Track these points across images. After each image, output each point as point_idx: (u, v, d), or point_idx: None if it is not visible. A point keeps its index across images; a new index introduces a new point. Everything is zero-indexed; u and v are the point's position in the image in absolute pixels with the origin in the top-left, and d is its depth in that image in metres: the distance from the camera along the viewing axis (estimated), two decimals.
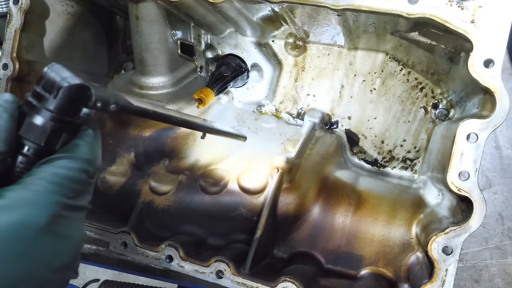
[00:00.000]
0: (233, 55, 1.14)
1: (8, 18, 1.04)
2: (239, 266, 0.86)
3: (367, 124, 1.10)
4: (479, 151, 0.72)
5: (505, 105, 0.69)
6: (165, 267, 0.91)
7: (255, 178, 0.97)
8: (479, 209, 0.72)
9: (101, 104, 0.53)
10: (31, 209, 0.47)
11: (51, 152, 0.52)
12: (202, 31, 1.14)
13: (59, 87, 0.49)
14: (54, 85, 0.49)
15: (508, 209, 1.01)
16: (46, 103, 0.50)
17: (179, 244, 0.90)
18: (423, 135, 1.06)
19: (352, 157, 1.13)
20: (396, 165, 1.09)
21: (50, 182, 0.49)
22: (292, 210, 0.94)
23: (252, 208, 0.94)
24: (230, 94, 1.20)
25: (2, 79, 1.05)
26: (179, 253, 0.89)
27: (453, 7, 0.70)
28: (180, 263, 0.89)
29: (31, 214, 0.47)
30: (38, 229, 0.48)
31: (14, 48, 1.04)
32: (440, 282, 0.75)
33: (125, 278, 1.57)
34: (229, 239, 0.98)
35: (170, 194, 1.02)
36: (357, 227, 0.94)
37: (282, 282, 0.82)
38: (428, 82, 1.04)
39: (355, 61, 1.08)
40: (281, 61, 1.14)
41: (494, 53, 0.69)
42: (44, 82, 0.50)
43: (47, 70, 0.50)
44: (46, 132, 0.50)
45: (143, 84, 1.11)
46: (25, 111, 0.51)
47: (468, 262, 1.02)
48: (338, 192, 0.98)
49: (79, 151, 0.53)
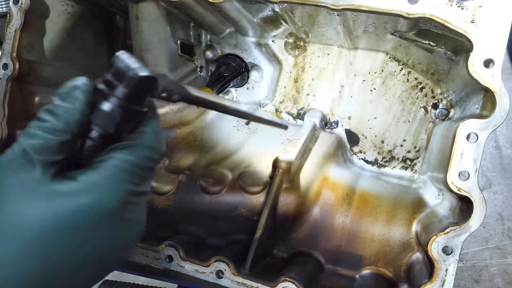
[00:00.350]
0: (233, 55, 1.14)
1: (8, 18, 1.03)
2: (239, 266, 0.86)
3: (367, 124, 1.10)
4: (479, 151, 0.72)
5: (505, 105, 0.69)
6: (165, 267, 0.91)
7: (255, 178, 0.97)
8: (479, 209, 0.72)
9: (166, 94, 0.55)
10: (103, 194, 0.49)
11: (118, 138, 0.53)
12: (202, 31, 1.14)
13: (129, 77, 0.50)
14: (125, 74, 0.50)
15: (508, 209, 1.01)
16: (116, 91, 0.51)
17: (179, 244, 0.90)
18: (423, 135, 1.06)
19: (352, 157, 1.13)
20: (396, 165, 1.09)
21: (120, 168, 0.50)
22: (292, 210, 0.94)
23: (252, 208, 0.94)
24: (230, 94, 1.20)
25: (2, 79, 1.05)
26: (179, 253, 0.89)
27: (453, 7, 0.70)
28: (180, 263, 0.89)
29: (103, 199, 0.48)
30: (109, 213, 0.49)
31: (14, 48, 1.04)
32: (440, 282, 0.75)
33: (125, 278, 1.57)
34: (229, 239, 0.99)
35: (170, 194, 1.02)
36: (357, 227, 0.94)
37: (282, 282, 0.82)
38: (428, 82, 1.04)
39: (355, 61, 1.08)
40: (281, 61, 1.14)
41: (494, 53, 0.69)
42: (114, 71, 0.51)
43: (116, 60, 0.51)
44: (115, 119, 0.51)
45: None
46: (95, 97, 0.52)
47: (468, 262, 1.02)
48: (338, 192, 0.98)
49: (146, 138, 0.54)
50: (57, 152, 0.49)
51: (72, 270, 0.49)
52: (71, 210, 0.47)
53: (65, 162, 0.50)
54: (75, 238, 0.48)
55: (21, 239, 0.46)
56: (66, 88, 0.51)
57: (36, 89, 1.17)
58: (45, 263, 0.47)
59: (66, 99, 0.50)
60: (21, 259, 0.46)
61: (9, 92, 1.07)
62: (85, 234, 0.48)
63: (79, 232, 0.48)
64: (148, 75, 0.52)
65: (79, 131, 0.50)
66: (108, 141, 0.52)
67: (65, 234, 0.47)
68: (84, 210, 0.48)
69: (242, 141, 1.15)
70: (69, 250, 0.48)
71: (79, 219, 0.48)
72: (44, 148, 0.48)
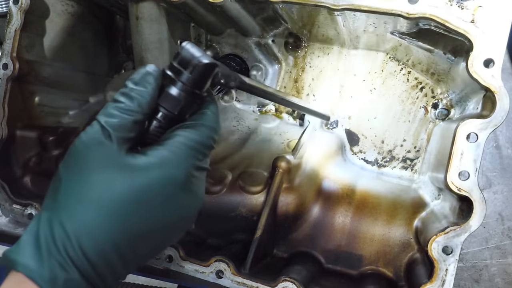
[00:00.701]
0: (233, 55, 1.14)
1: (8, 18, 1.04)
2: (239, 265, 0.86)
3: (367, 124, 1.10)
4: (479, 151, 0.72)
5: (505, 105, 0.69)
6: (165, 267, 0.91)
7: (255, 178, 0.97)
8: (479, 209, 0.72)
9: (224, 81, 0.60)
10: (173, 168, 0.55)
11: (181, 120, 0.59)
12: (202, 31, 1.14)
13: (194, 64, 0.56)
14: (190, 62, 0.56)
15: (508, 209, 1.01)
16: (182, 77, 0.57)
17: (179, 244, 0.90)
18: (423, 135, 1.06)
19: (352, 157, 1.13)
20: (396, 165, 1.09)
21: (186, 145, 0.56)
22: (292, 210, 0.94)
23: (252, 208, 0.94)
24: (230, 94, 1.20)
25: (2, 79, 1.05)
26: (179, 253, 0.89)
27: (453, 7, 0.70)
28: (180, 263, 0.89)
29: (172, 172, 0.55)
30: (178, 185, 0.56)
31: (14, 48, 1.04)
32: (440, 281, 0.75)
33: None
34: (229, 239, 0.99)
35: None
36: (357, 227, 0.94)
37: (282, 281, 0.82)
38: (428, 82, 1.04)
39: (355, 61, 1.08)
40: (281, 61, 1.14)
41: (494, 52, 0.69)
42: (180, 59, 0.57)
43: (182, 49, 0.57)
44: (180, 102, 0.57)
45: None
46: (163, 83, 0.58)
47: (468, 262, 1.02)
48: (338, 191, 0.98)
49: (207, 119, 0.59)
50: (131, 130, 0.55)
51: (147, 235, 0.55)
52: (145, 182, 0.53)
53: (136, 139, 0.56)
54: (149, 207, 0.54)
55: (103, 208, 0.52)
56: (139, 74, 0.57)
57: (36, 89, 1.17)
58: (123, 230, 0.53)
59: (139, 83, 0.56)
60: (103, 225, 0.52)
61: (9, 92, 1.07)
62: (157, 203, 0.54)
63: (152, 201, 0.54)
64: (211, 62, 0.57)
65: (150, 112, 0.57)
66: (172, 123, 0.58)
67: (141, 203, 0.53)
68: (156, 182, 0.54)
69: (242, 141, 1.15)
70: (144, 217, 0.54)
71: (151, 190, 0.54)
72: (120, 125, 0.54)
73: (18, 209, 1.07)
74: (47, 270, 0.50)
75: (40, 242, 0.52)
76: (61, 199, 0.53)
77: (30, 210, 1.05)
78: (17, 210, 1.07)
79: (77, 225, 0.52)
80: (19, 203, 1.07)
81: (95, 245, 0.52)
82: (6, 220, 1.15)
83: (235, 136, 1.17)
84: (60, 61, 1.19)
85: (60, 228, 0.52)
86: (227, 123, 1.18)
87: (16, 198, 1.08)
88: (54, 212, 0.53)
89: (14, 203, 1.07)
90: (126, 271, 0.57)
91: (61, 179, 0.54)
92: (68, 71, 1.23)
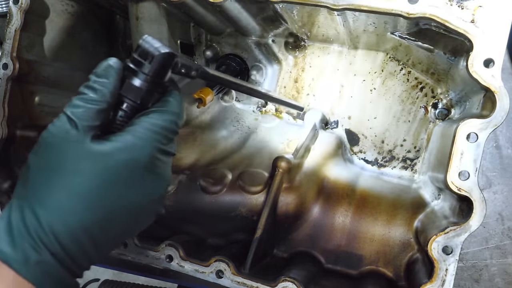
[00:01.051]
0: (233, 55, 1.14)
1: (8, 18, 1.03)
2: (239, 265, 0.86)
3: (367, 124, 1.10)
4: (479, 151, 0.72)
5: (505, 105, 0.69)
6: (165, 266, 0.91)
7: (255, 178, 0.97)
8: (479, 209, 0.72)
9: (184, 70, 0.64)
10: (137, 151, 0.59)
11: (145, 109, 0.62)
12: (202, 31, 1.14)
13: (153, 54, 0.60)
14: (149, 53, 0.60)
15: (508, 208, 1.01)
16: (142, 67, 0.60)
17: (179, 244, 0.90)
18: (423, 135, 1.06)
19: (352, 156, 1.13)
20: (396, 165, 1.09)
21: (149, 130, 0.60)
22: (292, 210, 0.94)
23: (252, 208, 0.94)
24: (230, 94, 1.20)
25: (2, 78, 1.05)
26: (179, 253, 0.89)
27: (453, 6, 0.70)
28: (180, 262, 0.89)
29: (136, 155, 0.59)
30: (142, 167, 0.59)
31: (14, 48, 1.04)
32: (440, 281, 0.75)
33: (125, 278, 1.57)
34: (229, 239, 0.99)
35: (170, 193, 1.02)
36: (357, 227, 0.94)
37: (282, 281, 0.82)
38: (428, 82, 1.04)
39: (355, 61, 1.08)
40: (281, 61, 1.14)
41: (494, 52, 0.69)
42: (140, 51, 0.60)
43: (142, 42, 0.61)
44: (142, 92, 0.61)
45: None
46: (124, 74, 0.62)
47: (468, 262, 1.02)
48: (338, 191, 0.98)
49: (170, 105, 0.63)
50: (96, 119, 0.58)
51: (116, 217, 0.59)
52: (110, 166, 0.57)
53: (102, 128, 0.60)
54: (116, 189, 0.58)
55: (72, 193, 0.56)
56: (101, 67, 0.61)
57: (36, 89, 1.17)
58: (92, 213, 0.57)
59: (102, 76, 0.60)
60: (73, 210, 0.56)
61: (9, 91, 1.07)
62: (123, 185, 0.58)
63: (118, 184, 0.58)
64: (169, 52, 0.60)
65: (113, 101, 0.60)
66: (136, 112, 0.62)
67: (107, 187, 0.57)
68: (122, 165, 0.58)
69: (242, 141, 1.15)
70: (111, 200, 0.58)
71: (117, 173, 0.58)
72: (85, 115, 0.58)
73: None
74: (20, 253, 0.54)
75: (12, 228, 0.55)
76: (31, 187, 0.57)
77: None
78: None
79: (47, 210, 0.55)
80: None
81: (66, 229, 0.55)
82: None
83: (235, 136, 1.17)
84: (60, 61, 1.19)
85: (31, 214, 0.55)
86: (227, 123, 1.18)
87: None
88: (25, 200, 0.56)
89: None
90: (98, 254, 0.60)
91: (30, 168, 0.58)
92: (68, 71, 1.23)
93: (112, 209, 0.59)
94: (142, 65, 0.60)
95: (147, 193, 0.62)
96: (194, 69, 0.65)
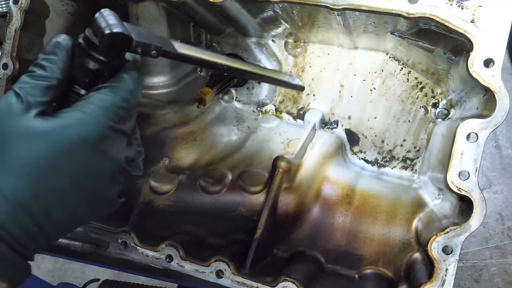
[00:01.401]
0: (233, 55, 1.14)
1: (8, 18, 1.03)
2: (239, 265, 0.86)
3: (367, 124, 1.10)
4: (479, 151, 0.72)
5: (505, 105, 0.69)
6: (165, 266, 0.91)
7: (255, 178, 0.97)
8: (479, 209, 0.72)
9: (141, 50, 0.59)
10: (83, 127, 0.57)
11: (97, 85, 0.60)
12: (202, 30, 1.14)
13: (103, 33, 0.56)
14: (100, 31, 0.56)
15: (508, 208, 1.01)
16: (93, 46, 0.58)
17: (179, 244, 0.90)
18: (423, 135, 1.06)
19: (352, 156, 1.13)
20: (396, 165, 1.09)
21: (98, 106, 0.58)
22: (292, 210, 0.94)
23: (252, 208, 0.94)
24: (230, 94, 1.20)
25: (2, 78, 1.05)
26: (179, 253, 0.89)
27: (453, 6, 0.70)
28: (180, 262, 0.89)
29: (83, 131, 0.57)
30: (89, 144, 0.57)
31: (14, 48, 1.04)
32: (440, 281, 0.75)
33: (125, 277, 1.57)
34: (229, 239, 0.99)
35: (170, 193, 1.02)
36: (357, 227, 0.94)
37: (282, 281, 0.82)
38: (428, 82, 1.04)
39: (355, 61, 1.08)
40: (281, 61, 1.14)
41: (494, 52, 0.69)
42: (94, 27, 0.57)
43: (98, 15, 0.58)
44: (90, 72, 0.59)
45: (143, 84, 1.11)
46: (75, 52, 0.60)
47: (468, 262, 1.02)
48: (338, 191, 0.98)
49: (123, 82, 0.61)
50: (44, 95, 0.58)
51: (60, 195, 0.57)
52: (54, 142, 0.55)
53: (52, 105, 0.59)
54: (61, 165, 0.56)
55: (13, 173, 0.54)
56: (50, 45, 0.61)
57: None
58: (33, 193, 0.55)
59: (50, 53, 0.60)
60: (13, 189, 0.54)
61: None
62: (69, 161, 0.56)
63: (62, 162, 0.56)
64: (118, 32, 0.56)
65: (63, 78, 0.60)
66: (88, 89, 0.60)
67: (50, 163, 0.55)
68: (66, 142, 0.56)
69: (242, 141, 1.15)
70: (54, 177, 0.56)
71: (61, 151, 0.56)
72: (33, 90, 0.57)
73: None
74: None
75: None
76: None
77: None
78: None
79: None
80: None
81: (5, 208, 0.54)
82: None
83: (235, 136, 1.17)
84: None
85: None
86: (227, 123, 1.18)
87: None
88: None
89: None
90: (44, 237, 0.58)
91: None
92: None
93: (54, 189, 0.56)
94: (93, 44, 0.58)
95: (93, 170, 0.59)
96: (153, 48, 0.60)
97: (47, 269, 2.90)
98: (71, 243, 1.08)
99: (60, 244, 1.03)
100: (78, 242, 1.07)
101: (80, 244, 1.07)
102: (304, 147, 1.01)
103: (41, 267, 2.90)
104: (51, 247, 0.63)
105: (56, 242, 0.64)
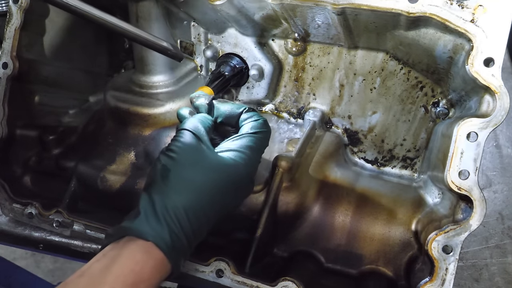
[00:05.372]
0: (233, 54, 1.14)
1: (8, 17, 1.03)
2: (239, 265, 0.86)
3: (367, 123, 1.10)
4: (479, 150, 0.72)
5: (505, 104, 0.69)
6: None
7: (255, 177, 0.97)
8: (479, 208, 0.72)
9: None
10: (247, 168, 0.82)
11: None
12: (202, 30, 1.14)
13: None
14: None
15: (508, 208, 1.01)
16: None
17: None
18: (423, 134, 1.06)
19: (352, 156, 1.13)
20: (396, 164, 1.09)
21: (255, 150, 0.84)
22: (292, 209, 0.94)
23: (252, 207, 0.94)
24: (231, 93, 1.20)
25: (2, 78, 1.05)
26: None
27: (453, 6, 0.70)
28: None
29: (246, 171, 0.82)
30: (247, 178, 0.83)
31: (14, 47, 1.04)
32: (440, 281, 0.75)
33: None
34: (229, 238, 0.99)
35: None
36: (357, 226, 0.94)
37: (282, 281, 0.82)
38: (428, 81, 1.03)
39: (355, 60, 1.08)
40: (281, 60, 1.14)
41: (494, 52, 0.69)
42: None
43: None
44: None
45: (143, 83, 1.11)
46: None
47: (468, 261, 1.02)
48: (338, 191, 0.98)
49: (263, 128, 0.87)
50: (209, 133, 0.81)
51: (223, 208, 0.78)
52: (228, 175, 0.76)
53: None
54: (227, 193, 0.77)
55: (199, 193, 0.73)
56: None
57: (36, 88, 1.17)
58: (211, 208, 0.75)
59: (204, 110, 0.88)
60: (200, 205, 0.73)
61: (9, 91, 1.07)
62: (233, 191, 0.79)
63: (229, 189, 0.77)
64: None
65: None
66: None
67: (221, 190, 0.76)
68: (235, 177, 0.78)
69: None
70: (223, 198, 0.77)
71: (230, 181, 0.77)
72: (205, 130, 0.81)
73: (18, 208, 1.07)
74: (167, 236, 0.68)
75: (158, 217, 0.69)
76: (171, 185, 0.72)
77: (30, 209, 1.05)
78: (17, 209, 1.07)
79: (184, 203, 0.71)
80: (19, 202, 1.07)
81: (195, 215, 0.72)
82: (6, 219, 1.15)
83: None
84: (60, 61, 1.19)
85: (174, 205, 0.70)
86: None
87: (16, 197, 1.08)
88: (165, 194, 0.71)
89: (14, 202, 1.07)
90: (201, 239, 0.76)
91: (169, 170, 0.74)
92: (68, 70, 1.23)
93: (222, 204, 0.77)
94: None
95: (244, 194, 0.84)
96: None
97: (47, 268, 2.90)
98: (71, 243, 1.08)
99: (60, 244, 1.03)
100: (78, 241, 1.07)
101: (80, 243, 1.07)
102: (304, 146, 1.01)
103: (41, 267, 2.90)
104: (51, 247, 0.65)
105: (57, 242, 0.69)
